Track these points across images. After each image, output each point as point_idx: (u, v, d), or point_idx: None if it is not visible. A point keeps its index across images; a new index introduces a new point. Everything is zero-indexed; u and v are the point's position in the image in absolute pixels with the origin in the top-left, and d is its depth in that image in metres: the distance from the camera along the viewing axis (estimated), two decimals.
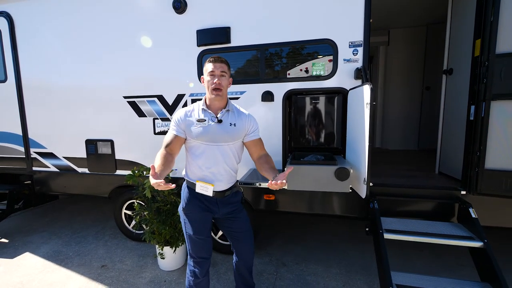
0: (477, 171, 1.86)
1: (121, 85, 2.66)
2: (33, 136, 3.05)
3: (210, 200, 1.54)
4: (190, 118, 1.48)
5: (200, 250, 1.58)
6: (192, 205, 1.54)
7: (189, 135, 1.48)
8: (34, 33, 2.85)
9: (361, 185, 1.75)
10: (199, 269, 1.57)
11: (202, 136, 1.46)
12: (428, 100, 4.21)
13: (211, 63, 1.45)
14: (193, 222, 1.55)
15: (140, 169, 2.40)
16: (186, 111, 1.51)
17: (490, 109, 1.78)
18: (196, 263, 1.58)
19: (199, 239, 1.56)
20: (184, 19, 2.39)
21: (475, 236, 1.76)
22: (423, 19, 3.92)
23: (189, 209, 1.55)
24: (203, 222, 1.57)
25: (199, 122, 1.47)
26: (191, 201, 1.55)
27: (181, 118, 1.49)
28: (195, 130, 1.46)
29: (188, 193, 1.56)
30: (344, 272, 2.32)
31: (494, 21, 1.74)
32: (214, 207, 1.56)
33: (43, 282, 2.28)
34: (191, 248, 1.58)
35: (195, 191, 1.52)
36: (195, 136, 1.46)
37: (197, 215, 1.56)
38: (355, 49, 2.08)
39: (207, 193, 1.50)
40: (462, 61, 2.21)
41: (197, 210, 1.54)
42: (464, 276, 2.20)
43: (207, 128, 1.46)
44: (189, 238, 1.56)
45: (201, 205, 1.54)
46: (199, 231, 1.55)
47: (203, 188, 1.50)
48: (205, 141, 1.47)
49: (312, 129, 2.31)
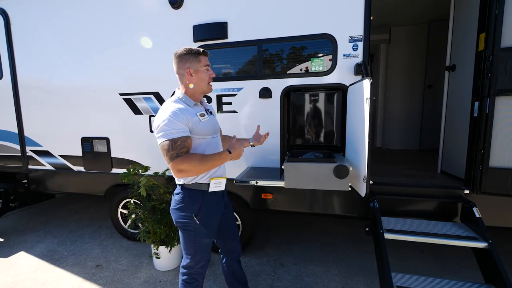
0: (481, 169, 1.81)
1: (117, 82, 2.62)
2: (28, 134, 3.02)
3: (219, 196, 1.47)
4: (191, 116, 1.33)
5: (208, 253, 1.49)
6: (207, 209, 1.41)
7: (197, 133, 1.33)
8: (30, 30, 2.82)
9: (360, 183, 1.69)
10: (202, 272, 1.48)
11: (208, 129, 1.38)
12: (430, 98, 4.14)
13: (205, 56, 1.38)
14: (208, 227, 1.42)
15: (135, 167, 2.36)
16: (180, 109, 1.30)
17: (495, 105, 1.72)
18: (201, 268, 1.46)
19: (210, 242, 1.48)
20: (180, 14, 2.34)
21: (479, 237, 1.71)
22: (425, 17, 3.86)
23: (204, 214, 1.40)
24: (216, 224, 1.47)
25: (202, 117, 1.36)
26: (204, 205, 1.40)
27: (181, 117, 1.28)
28: (203, 125, 1.35)
29: (200, 197, 1.39)
30: (344, 273, 2.27)
31: (499, 14, 1.68)
32: (221, 202, 1.50)
33: (36, 282, 2.24)
34: (200, 255, 1.44)
35: (207, 192, 1.40)
36: (204, 132, 1.35)
37: (212, 218, 1.44)
38: (355, 44, 2.03)
39: (221, 188, 1.44)
40: (465, 56, 2.16)
41: (212, 212, 1.44)
42: (467, 278, 2.14)
43: (210, 121, 1.41)
44: (201, 245, 1.43)
45: (214, 207, 1.44)
46: (213, 233, 1.47)
47: (217, 185, 1.42)
48: (209, 135, 1.40)
49: (311, 126, 2.26)
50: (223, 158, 1.34)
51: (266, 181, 2.02)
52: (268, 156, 2.32)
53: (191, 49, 1.36)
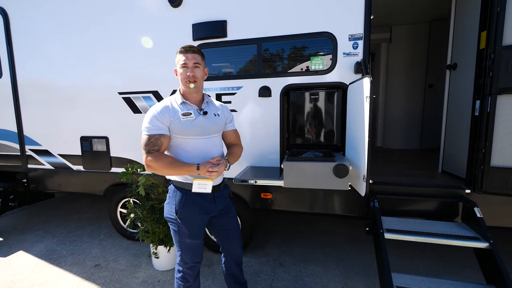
0: (482, 169, 1.79)
1: (116, 81, 2.61)
2: (28, 133, 3.01)
3: (207, 198, 1.43)
4: (171, 114, 1.33)
5: (195, 255, 1.48)
6: (188, 208, 1.40)
7: (175, 132, 1.34)
8: (30, 29, 2.81)
9: (360, 182, 1.68)
10: (191, 273, 1.49)
11: (191, 130, 1.35)
12: (431, 98, 4.11)
13: (182, 54, 1.34)
14: (189, 226, 1.42)
15: (134, 166, 2.34)
16: (164, 106, 1.34)
17: (496, 104, 1.70)
18: (189, 268, 1.48)
19: (196, 243, 1.46)
20: (179, 13, 2.33)
21: (480, 237, 1.69)
22: (426, 16, 3.83)
23: (185, 213, 1.40)
24: (199, 225, 1.46)
25: (185, 116, 1.34)
26: (186, 204, 1.40)
27: (161, 115, 1.32)
28: (182, 125, 1.34)
29: (182, 195, 1.41)
30: (344, 273, 2.25)
31: (501, 12, 1.66)
32: (211, 205, 1.45)
33: (34, 281, 2.23)
34: (185, 255, 1.46)
35: (191, 192, 1.39)
36: (182, 132, 1.34)
37: (193, 218, 1.43)
38: (355, 43, 2.01)
39: (206, 191, 1.38)
40: (466, 55, 2.14)
41: (193, 212, 1.42)
42: (468, 278, 2.12)
43: (195, 121, 1.37)
44: (184, 245, 1.45)
45: (197, 207, 1.42)
46: (196, 235, 1.45)
47: (202, 186, 1.38)
48: (194, 136, 1.37)
49: (310, 125, 2.24)
50: (189, 170, 1.33)
51: (265, 180, 2.01)
52: (268, 155, 2.31)
53: (180, 47, 1.37)
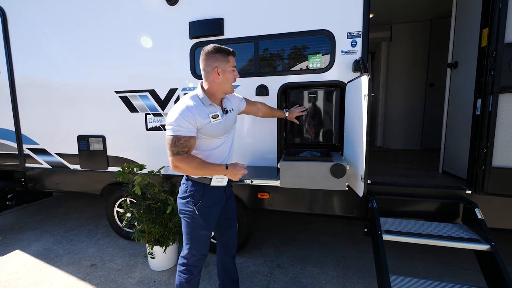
0: (484, 169, 1.75)
1: (113, 80, 2.59)
2: (25, 132, 3.00)
3: (221, 189, 1.51)
4: (202, 116, 1.33)
5: (204, 247, 1.52)
6: (207, 200, 1.46)
7: (204, 133, 1.36)
8: (27, 27, 2.79)
9: (358, 182, 1.64)
10: (197, 266, 1.52)
11: (219, 131, 1.40)
12: (432, 97, 4.06)
13: (233, 57, 1.41)
14: (207, 218, 1.47)
15: (130, 166, 2.32)
16: (193, 108, 1.32)
17: (498, 103, 1.66)
18: (197, 261, 1.51)
19: (207, 235, 1.52)
20: (176, 11, 2.30)
21: (481, 239, 1.65)
22: (427, 14, 3.78)
23: (204, 205, 1.45)
24: (214, 217, 1.52)
25: (215, 119, 1.37)
26: (205, 197, 1.45)
27: (190, 116, 1.29)
28: (212, 127, 1.37)
29: (202, 189, 1.45)
30: (342, 274, 2.22)
31: (503, 8, 1.62)
32: (223, 196, 1.53)
33: (30, 281, 2.21)
34: (195, 247, 1.49)
35: (209, 186, 1.45)
36: (211, 133, 1.38)
37: (212, 210, 1.48)
38: (354, 40, 1.98)
39: (223, 184, 1.48)
40: (467, 53, 2.09)
41: (212, 204, 1.48)
42: (469, 281, 2.08)
43: (222, 123, 1.42)
44: (197, 237, 1.48)
45: (215, 199, 1.49)
46: (211, 226, 1.51)
47: (219, 180, 1.46)
48: (220, 136, 1.43)
49: (308, 124, 2.21)
50: (218, 171, 1.40)
51: (262, 180, 1.98)
52: (265, 154, 2.28)
53: (221, 48, 1.37)
